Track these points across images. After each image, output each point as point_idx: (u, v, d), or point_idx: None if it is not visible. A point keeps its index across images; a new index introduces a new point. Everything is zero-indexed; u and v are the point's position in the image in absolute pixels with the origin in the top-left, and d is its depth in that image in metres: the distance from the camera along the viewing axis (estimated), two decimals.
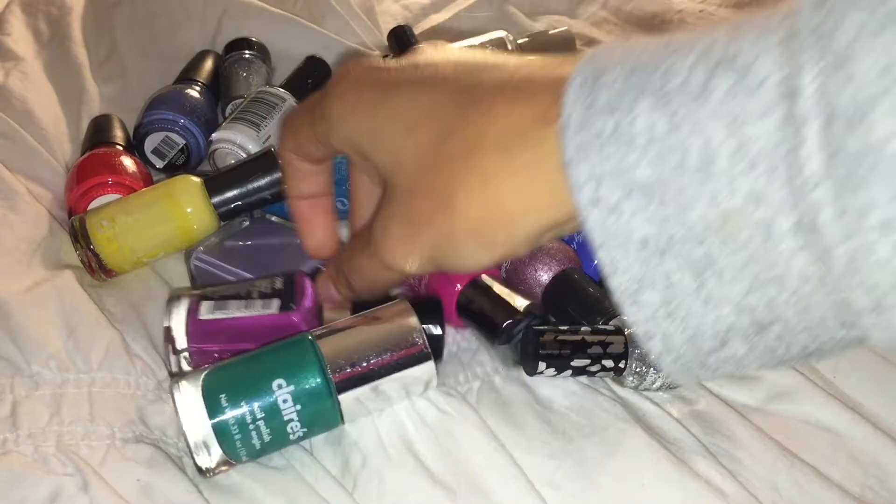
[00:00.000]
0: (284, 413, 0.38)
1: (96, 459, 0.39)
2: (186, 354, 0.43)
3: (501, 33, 0.70)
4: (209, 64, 0.70)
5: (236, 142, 0.59)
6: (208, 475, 0.39)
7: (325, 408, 0.39)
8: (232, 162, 0.60)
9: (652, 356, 0.25)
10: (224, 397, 0.38)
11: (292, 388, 0.38)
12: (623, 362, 0.43)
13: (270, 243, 0.51)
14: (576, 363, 0.42)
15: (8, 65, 0.67)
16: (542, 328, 0.43)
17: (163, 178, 0.58)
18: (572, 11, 0.89)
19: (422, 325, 0.40)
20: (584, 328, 0.43)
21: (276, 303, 0.43)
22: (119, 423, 0.41)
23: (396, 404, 0.42)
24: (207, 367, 0.40)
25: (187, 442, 0.38)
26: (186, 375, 0.40)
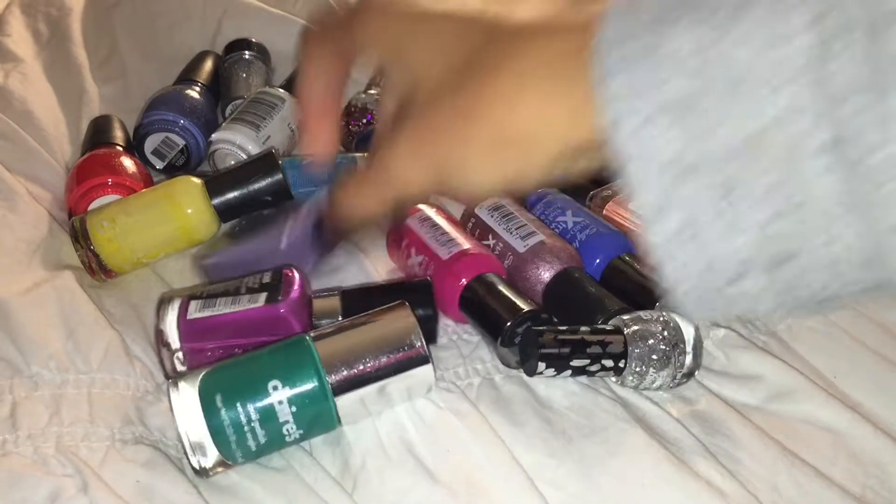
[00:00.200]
0: (280, 415, 0.38)
1: (96, 460, 0.39)
2: (180, 354, 0.43)
3: None
4: (209, 64, 0.71)
5: (236, 142, 0.59)
6: (204, 476, 0.39)
7: (322, 410, 0.39)
8: (232, 163, 0.60)
9: (665, 284, 0.24)
10: (220, 398, 0.38)
11: (288, 390, 0.38)
12: (623, 362, 0.43)
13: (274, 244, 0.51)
14: (575, 363, 0.42)
15: (8, 66, 0.67)
16: (541, 328, 0.43)
17: (163, 179, 0.58)
18: None
19: (416, 314, 0.40)
20: (584, 328, 0.43)
21: (263, 296, 0.44)
22: (119, 424, 0.41)
23: (395, 406, 0.42)
24: (206, 368, 0.40)
25: (183, 442, 0.38)
26: (184, 376, 0.40)
